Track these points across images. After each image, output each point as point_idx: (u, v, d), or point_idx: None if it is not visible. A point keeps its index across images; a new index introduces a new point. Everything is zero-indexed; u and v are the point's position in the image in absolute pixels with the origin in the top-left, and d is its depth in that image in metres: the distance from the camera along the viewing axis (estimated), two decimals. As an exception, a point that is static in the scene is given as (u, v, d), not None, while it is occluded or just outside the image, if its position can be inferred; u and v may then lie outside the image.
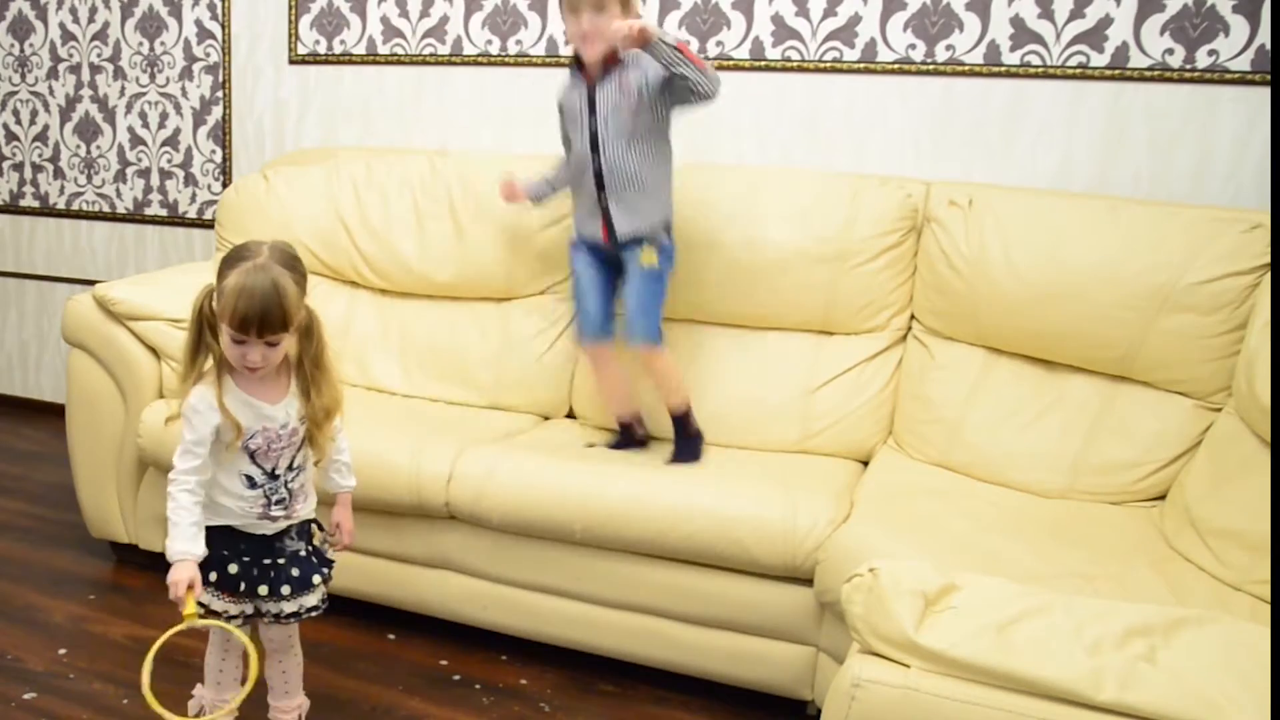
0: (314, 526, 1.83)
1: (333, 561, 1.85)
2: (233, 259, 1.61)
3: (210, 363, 1.67)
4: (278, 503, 1.71)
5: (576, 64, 2.27)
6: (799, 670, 2.06)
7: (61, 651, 2.28)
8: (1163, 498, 2.12)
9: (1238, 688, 1.22)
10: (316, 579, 1.78)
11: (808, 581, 2.01)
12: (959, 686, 1.29)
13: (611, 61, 2.21)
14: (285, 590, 1.74)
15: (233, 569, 1.70)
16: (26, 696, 2.11)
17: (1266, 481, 1.80)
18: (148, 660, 1.56)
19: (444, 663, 2.29)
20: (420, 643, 2.36)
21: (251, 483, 1.69)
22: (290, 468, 1.72)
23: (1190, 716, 1.19)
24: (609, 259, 2.35)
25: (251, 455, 1.68)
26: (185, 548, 1.60)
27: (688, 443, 2.37)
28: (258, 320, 1.55)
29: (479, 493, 2.19)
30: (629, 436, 2.44)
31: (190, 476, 1.63)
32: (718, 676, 2.14)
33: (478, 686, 2.21)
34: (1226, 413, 2.06)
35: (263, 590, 1.73)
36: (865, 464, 2.39)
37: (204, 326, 1.65)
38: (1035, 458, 2.21)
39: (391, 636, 2.39)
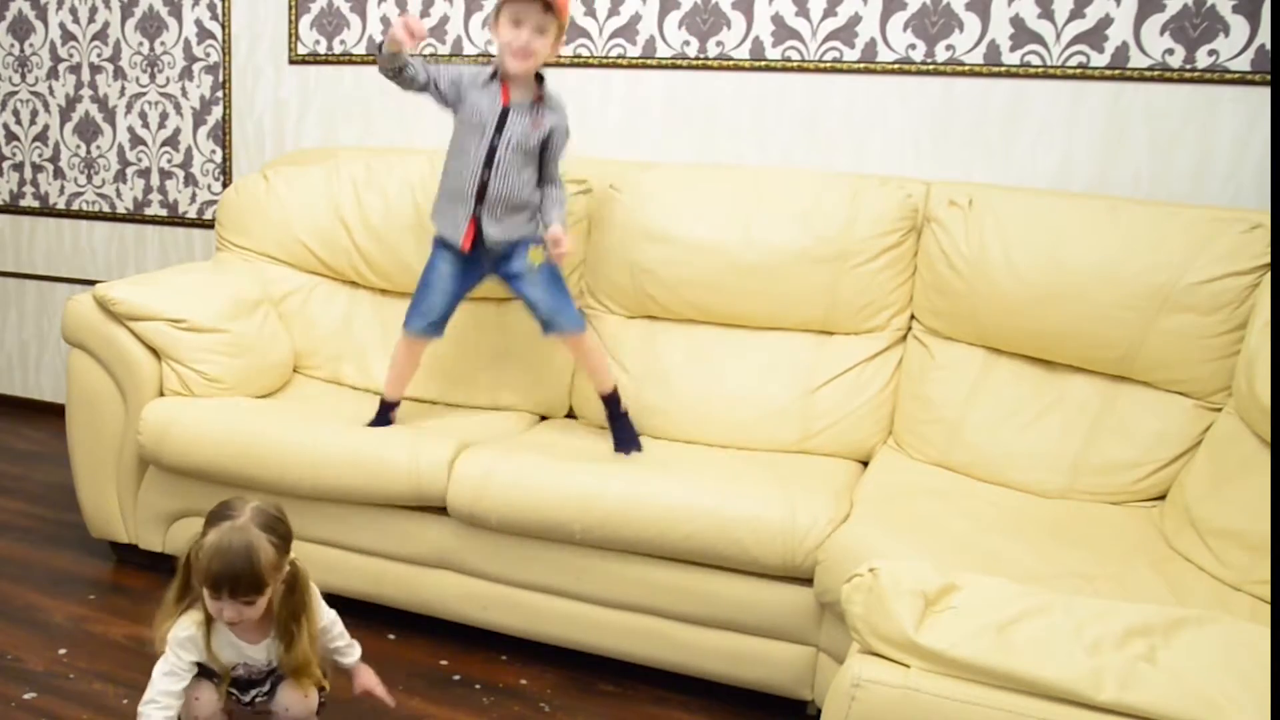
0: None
1: (324, 688, 1.88)
2: (215, 515, 1.66)
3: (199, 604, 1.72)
4: (248, 702, 1.82)
5: (496, 74, 2.30)
6: (799, 670, 2.06)
7: (61, 651, 2.28)
8: (1163, 498, 2.12)
9: (1238, 688, 1.22)
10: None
11: (808, 581, 2.01)
12: (959, 686, 1.29)
13: (537, 98, 2.31)
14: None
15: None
16: (26, 696, 2.11)
17: (1266, 481, 1.80)
18: None
19: (444, 663, 2.29)
20: (420, 643, 2.36)
21: (233, 684, 1.79)
22: (265, 689, 1.81)
23: (1190, 716, 1.19)
24: (469, 264, 2.40)
25: (233, 681, 1.78)
26: None
27: (624, 425, 2.44)
28: (229, 583, 1.60)
29: (478, 493, 2.19)
30: (386, 417, 2.49)
31: (170, 696, 1.69)
32: (718, 676, 2.14)
33: (478, 686, 2.21)
34: (1226, 413, 2.06)
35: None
36: (865, 464, 2.39)
37: (190, 574, 1.69)
38: (1035, 458, 2.21)
39: (391, 636, 2.39)
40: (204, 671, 1.76)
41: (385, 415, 2.49)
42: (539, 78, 2.33)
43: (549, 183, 2.38)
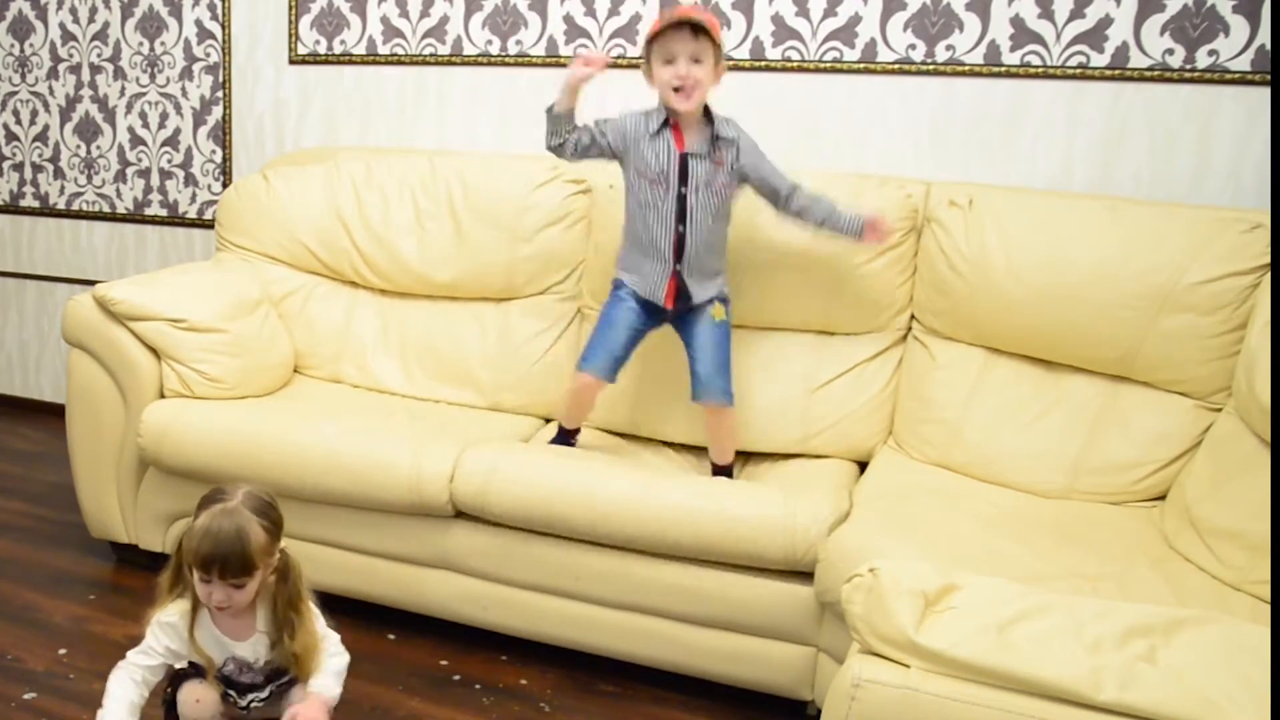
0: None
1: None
2: (207, 500, 1.67)
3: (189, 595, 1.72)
4: (256, 703, 1.81)
5: (666, 122, 2.19)
6: (799, 670, 2.07)
7: (61, 651, 2.28)
8: (1163, 498, 2.12)
9: (1238, 688, 1.22)
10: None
11: (808, 581, 2.01)
12: (959, 686, 1.29)
13: (709, 133, 2.16)
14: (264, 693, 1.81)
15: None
16: (26, 696, 2.11)
17: (1266, 481, 1.80)
18: None
19: (444, 663, 2.29)
20: (420, 643, 2.36)
21: (226, 682, 1.78)
22: (263, 695, 1.79)
23: (1190, 716, 1.19)
24: (653, 314, 2.30)
25: (224, 678, 1.77)
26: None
27: None
28: (219, 563, 1.60)
29: (483, 487, 2.19)
30: (565, 440, 2.43)
31: (138, 667, 1.71)
32: (718, 676, 2.14)
33: (478, 686, 2.21)
34: (1226, 413, 2.06)
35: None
36: (865, 464, 2.39)
37: (183, 563, 1.70)
38: (1035, 458, 2.21)
39: (391, 636, 2.39)
40: (200, 673, 1.76)
41: (565, 439, 2.43)
42: (706, 114, 2.20)
43: (793, 192, 2.23)
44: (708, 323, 2.26)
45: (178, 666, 1.78)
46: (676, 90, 2.12)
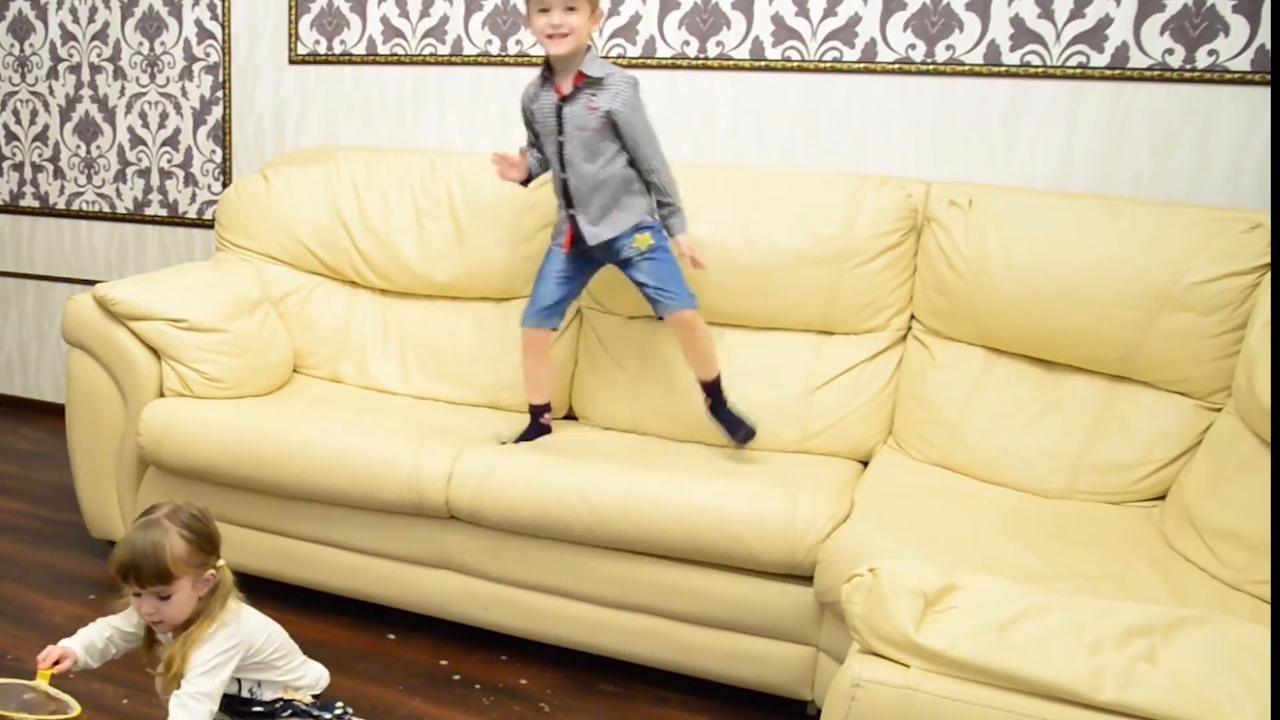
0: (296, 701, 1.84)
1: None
2: (139, 516, 1.69)
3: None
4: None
5: (547, 70, 2.29)
6: (799, 670, 2.06)
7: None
8: (1163, 498, 2.12)
9: (1238, 688, 1.22)
10: None
11: (808, 581, 2.01)
12: (959, 686, 1.29)
13: (580, 78, 2.24)
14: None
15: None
16: (26, 697, 2.10)
17: (1266, 481, 1.80)
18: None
19: (444, 663, 2.29)
20: (420, 643, 2.36)
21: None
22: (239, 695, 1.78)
23: (1190, 716, 1.19)
24: (578, 261, 2.39)
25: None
26: (68, 642, 1.74)
27: (729, 414, 2.36)
28: (134, 571, 1.62)
29: (478, 491, 2.19)
30: (537, 424, 2.47)
31: (109, 625, 1.77)
32: (718, 676, 2.14)
33: (478, 686, 2.21)
34: (1226, 413, 2.06)
35: None
36: (865, 464, 2.39)
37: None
38: (1035, 458, 2.21)
39: (391, 636, 2.39)
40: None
41: (536, 422, 2.47)
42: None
43: (645, 176, 2.29)
44: (635, 253, 2.31)
45: None
46: (549, 37, 2.20)
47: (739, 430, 2.35)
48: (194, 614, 1.68)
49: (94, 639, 1.76)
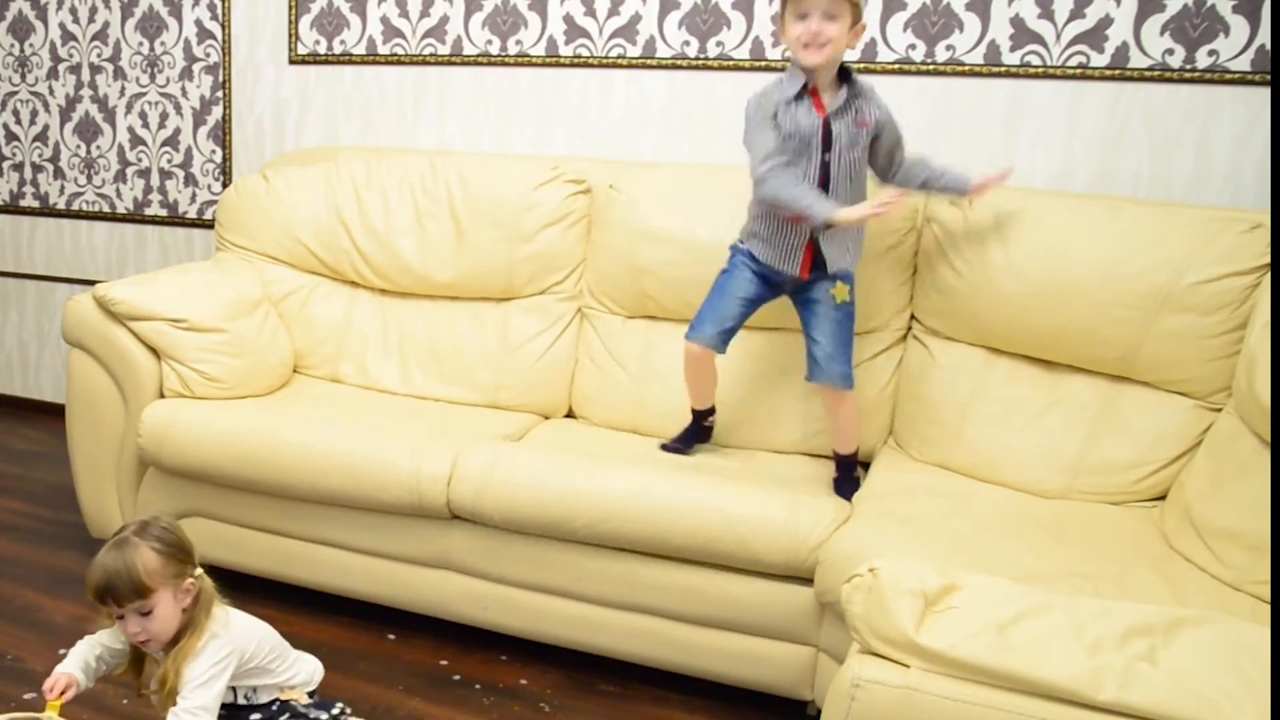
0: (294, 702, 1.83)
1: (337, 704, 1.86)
2: (114, 534, 1.68)
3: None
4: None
5: (805, 87, 2.11)
6: (799, 670, 2.06)
7: (61, 651, 2.25)
8: (1163, 498, 2.12)
9: (1238, 688, 1.22)
10: None
11: (808, 581, 2.01)
12: (959, 686, 1.29)
13: (847, 93, 2.11)
14: None
15: None
16: (26, 696, 2.11)
17: (1266, 481, 1.80)
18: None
19: (444, 663, 2.29)
20: (420, 643, 2.36)
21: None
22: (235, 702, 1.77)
23: (1190, 716, 1.19)
24: (775, 287, 2.24)
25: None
26: (67, 668, 1.73)
27: (849, 483, 2.27)
28: (109, 591, 1.61)
29: (480, 489, 2.19)
30: (698, 427, 2.41)
31: (99, 643, 1.77)
32: (718, 676, 2.14)
33: (478, 686, 2.21)
34: (1226, 413, 2.06)
35: None
36: (866, 465, 2.39)
37: None
38: (1035, 458, 2.21)
39: (391, 636, 2.39)
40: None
41: (699, 424, 2.41)
42: (845, 75, 2.13)
43: (915, 163, 2.20)
44: (829, 304, 2.17)
45: None
46: (805, 46, 2.05)
47: (847, 491, 2.23)
48: (181, 627, 1.67)
49: (87, 658, 1.75)
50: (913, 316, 2.47)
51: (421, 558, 2.32)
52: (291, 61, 3.28)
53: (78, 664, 1.74)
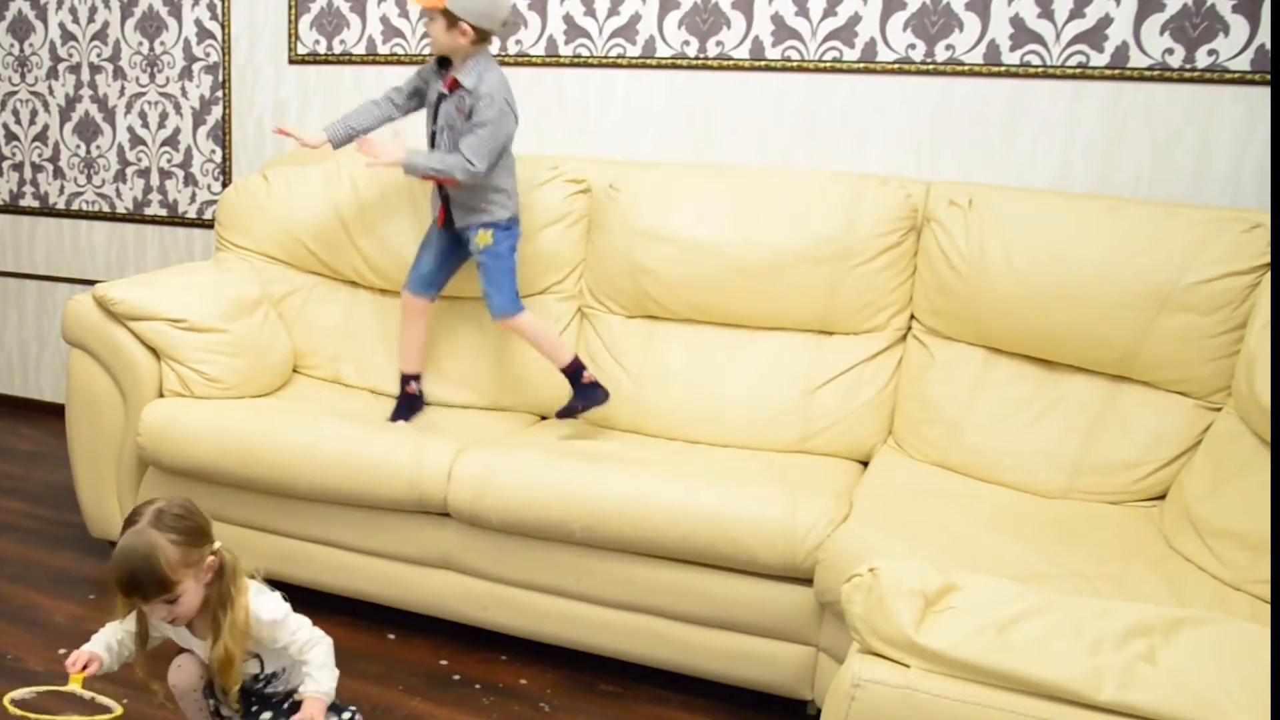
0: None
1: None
2: (127, 519, 1.68)
3: None
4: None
5: (439, 64, 2.46)
6: (799, 670, 2.06)
7: (61, 651, 2.27)
8: (1163, 498, 2.12)
9: (1238, 688, 1.22)
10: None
11: (808, 581, 2.01)
12: (959, 686, 1.29)
13: (454, 84, 2.40)
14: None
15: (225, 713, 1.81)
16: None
17: (1266, 481, 1.80)
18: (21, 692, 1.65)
19: (444, 663, 2.29)
20: (420, 643, 2.36)
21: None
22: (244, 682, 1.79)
23: (1190, 716, 1.19)
24: (451, 243, 2.56)
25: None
26: (91, 647, 1.74)
27: (585, 389, 2.47)
28: (134, 588, 1.62)
29: (479, 492, 2.19)
30: (407, 396, 2.63)
31: (115, 628, 1.77)
32: (718, 676, 2.14)
33: (478, 686, 2.21)
34: (1226, 413, 2.06)
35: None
36: (865, 464, 2.39)
37: None
38: (1035, 458, 2.21)
39: (391, 636, 2.39)
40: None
41: (405, 391, 2.62)
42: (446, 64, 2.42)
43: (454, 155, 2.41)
44: (474, 250, 2.48)
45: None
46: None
47: (589, 401, 2.47)
48: (218, 603, 1.68)
49: (110, 641, 1.76)
50: (913, 316, 2.47)
51: (421, 558, 2.32)
52: (291, 61, 3.28)
53: (101, 644, 1.75)
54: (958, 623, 1.33)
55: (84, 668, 1.70)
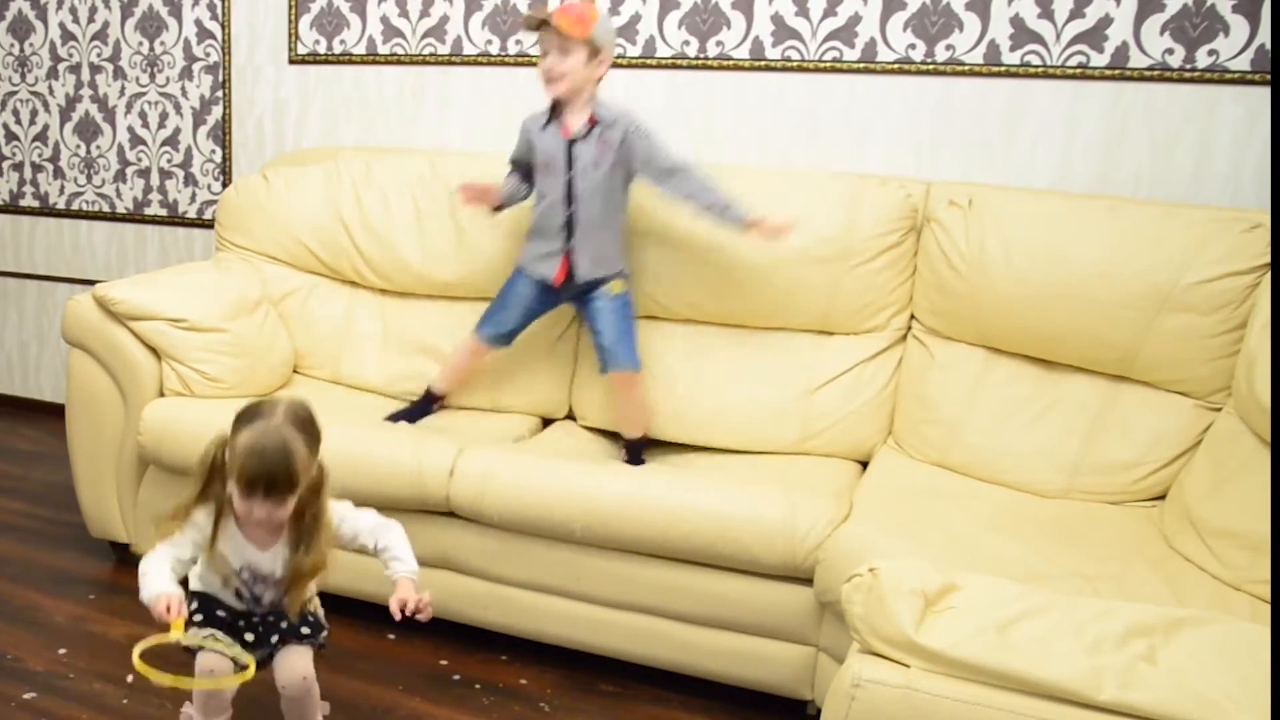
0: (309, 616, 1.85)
1: (324, 628, 1.87)
2: (247, 415, 1.64)
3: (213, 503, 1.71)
4: (256, 618, 1.79)
5: (552, 111, 2.34)
6: (799, 670, 2.06)
7: (61, 651, 2.27)
8: (1163, 498, 2.12)
9: (1238, 688, 1.22)
10: (306, 629, 1.81)
11: (808, 581, 2.01)
12: (959, 686, 1.29)
13: (593, 121, 2.30)
14: (274, 639, 1.79)
15: (220, 613, 1.76)
16: (26, 696, 2.11)
17: (1266, 481, 1.80)
18: (138, 650, 1.56)
19: (444, 663, 2.29)
20: (420, 643, 2.36)
21: (238, 595, 1.77)
22: (272, 605, 1.78)
23: (1190, 716, 1.19)
24: (551, 297, 2.46)
25: (237, 589, 1.76)
26: (160, 589, 1.61)
27: (634, 451, 2.45)
28: (264, 482, 1.59)
29: (480, 490, 2.19)
30: (423, 407, 2.57)
31: (168, 553, 1.68)
32: (718, 676, 2.14)
33: (478, 686, 2.21)
34: (1226, 413, 2.06)
35: (249, 636, 1.77)
36: (865, 464, 2.39)
37: (214, 475, 1.68)
38: (1035, 458, 2.21)
39: (391, 636, 2.39)
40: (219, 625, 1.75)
41: (426, 405, 2.56)
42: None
43: (676, 173, 2.31)
44: (605, 298, 2.39)
45: (185, 643, 1.73)
46: (545, 81, 2.29)
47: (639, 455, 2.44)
48: (300, 510, 1.68)
49: (171, 575, 1.66)
50: (913, 316, 2.47)
51: (421, 558, 2.30)
52: (291, 61, 3.28)
53: (169, 580, 1.64)
54: (958, 623, 1.33)
55: (177, 611, 1.60)
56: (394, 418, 2.55)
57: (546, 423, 2.68)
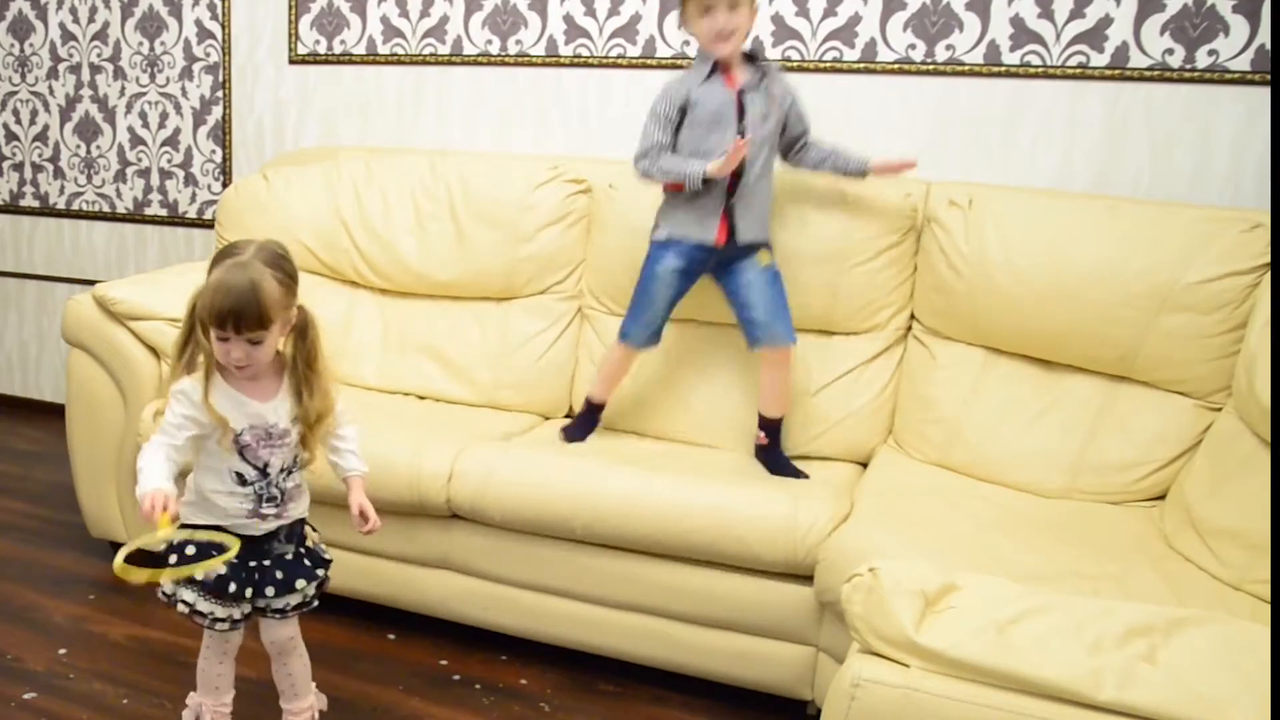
0: (307, 528, 1.83)
1: (329, 560, 1.86)
2: (220, 256, 1.64)
3: (202, 360, 1.67)
4: (269, 500, 1.72)
5: (716, 67, 2.20)
6: (799, 670, 2.06)
7: (61, 651, 2.27)
8: (1163, 498, 2.12)
9: (1238, 688, 1.22)
10: (301, 583, 1.79)
11: (808, 581, 2.01)
12: (959, 686, 1.29)
13: (761, 73, 2.22)
14: (269, 592, 1.75)
15: (221, 569, 1.71)
16: (26, 696, 2.11)
17: (1266, 481, 1.80)
18: (122, 554, 1.48)
19: (444, 663, 2.29)
20: (420, 643, 2.36)
21: (242, 480, 1.70)
22: (283, 469, 1.73)
23: (1190, 716, 1.19)
24: (700, 267, 2.30)
25: (241, 452, 1.68)
26: (150, 486, 1.55)
27: (778, 458, 2.33)
28: (233, 316, 1.57)
29: (480, 489, 2.19)
30: (591, 418, 2.47)
31: (164, 442, 1.62)
32: (718, 676, 2.14)
33: (478, 686, 2.21)
34: (1226, 412, 2.06)
35: (248, 593, 1.74)
36: (865, 465, 2.39)
37: (195, 325, 1.66)
38: (1035, 457, 2.21)
39: (391, 636, 2.39)
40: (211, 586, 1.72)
41: (593, 416, 2.47)
42: (749, 55, 2.25)
43: (814, 144, 2.32)
44: (754, 269, 2.27)
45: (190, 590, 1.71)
46: (716, 39, 2.16)
47: (787, 471, 2.30)
48: (290, 360, 1.68)
49: (168, 468, 1.61)
50: (913, 316, 2.47)
51: (421, 558, 2.32)
52: (291, 61, 3.28)
53: (164, 475, 1.58)
54: (958, 623, 1.33)
55: (164, 509, 1.54)
56: (569, 439, 2.44)
57: (548, 422, 2.68)
